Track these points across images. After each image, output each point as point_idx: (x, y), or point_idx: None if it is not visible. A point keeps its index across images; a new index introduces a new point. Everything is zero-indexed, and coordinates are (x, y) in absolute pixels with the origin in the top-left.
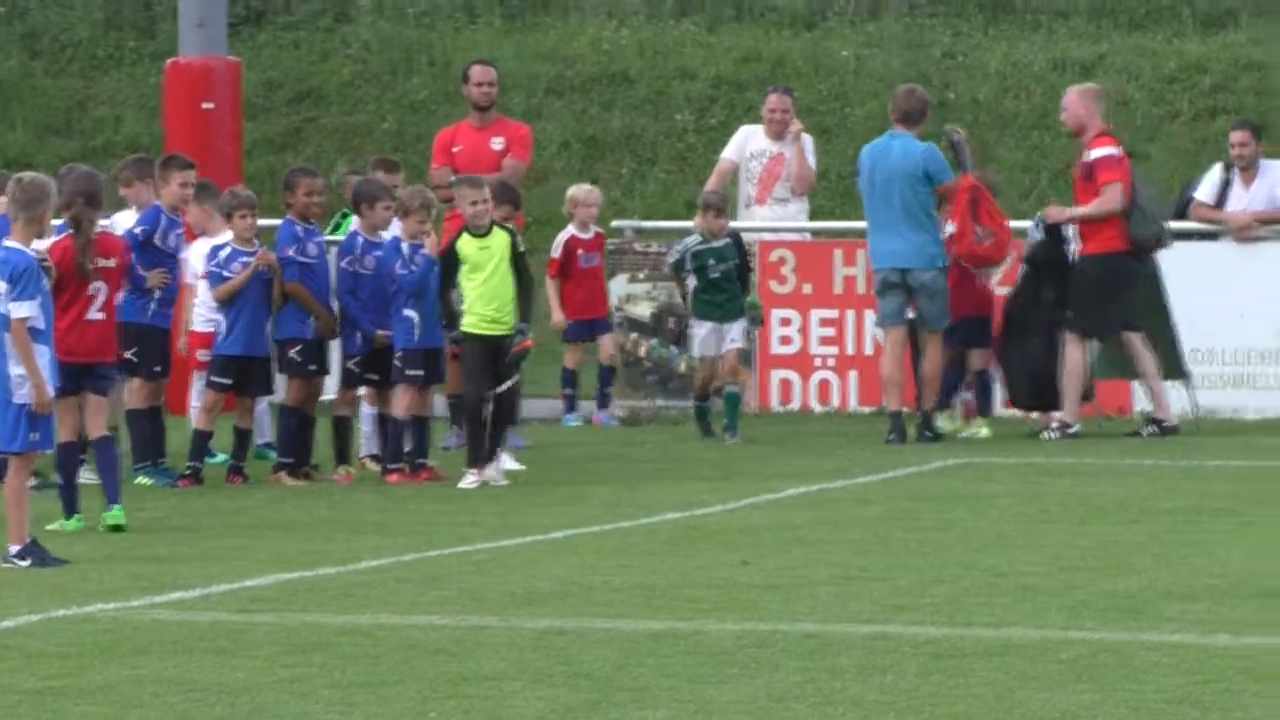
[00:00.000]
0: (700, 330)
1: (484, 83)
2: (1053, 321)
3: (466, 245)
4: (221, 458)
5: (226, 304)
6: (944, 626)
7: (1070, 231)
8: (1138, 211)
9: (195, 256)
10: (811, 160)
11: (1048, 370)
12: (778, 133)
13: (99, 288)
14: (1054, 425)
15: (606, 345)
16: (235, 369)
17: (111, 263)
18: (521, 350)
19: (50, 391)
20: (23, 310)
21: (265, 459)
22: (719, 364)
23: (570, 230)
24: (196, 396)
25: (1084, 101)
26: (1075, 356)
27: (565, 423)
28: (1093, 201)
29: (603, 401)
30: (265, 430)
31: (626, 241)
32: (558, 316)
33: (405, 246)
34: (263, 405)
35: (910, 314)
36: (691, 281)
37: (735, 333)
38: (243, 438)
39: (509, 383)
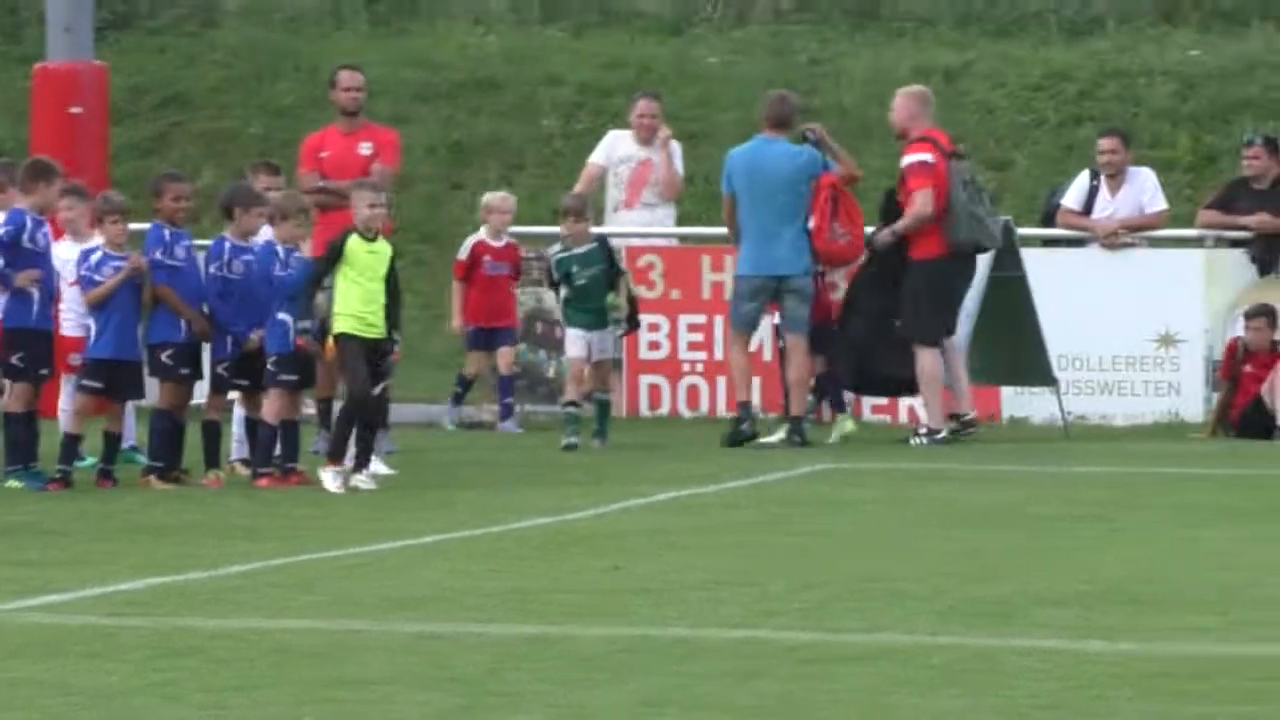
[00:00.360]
0: (570, 336)
1: (351, 88)
2: (885, 307)
3: (357, 247)
4: (90, 461)
5: (97, 308)
6: (814, 631)
7: None
8: (953, 216)
9: (62, 260)
10: (679, 165)
11: (870, 353)
12: (646, 138)
13: None
14: (922, 431)
15: (505, 355)
16: (106, 372)
17: None
18: (393, 359)
19: None
20: None
21: (133, 463)
22: (589, 371)
23: (480, 235)
24: (66, 400)
25: (907, 104)
26: (927, 363)
27: (446, 419)
28: (906, 212)
29: (505, 412)
30: (132, 434)
31: None
32: (456, 321)
33: (280, 250)
34: (129, 408)
35: (773, 318)
36: (561, 290)
37: (606, 342)
38: (113, 441)
39: (381, 385)
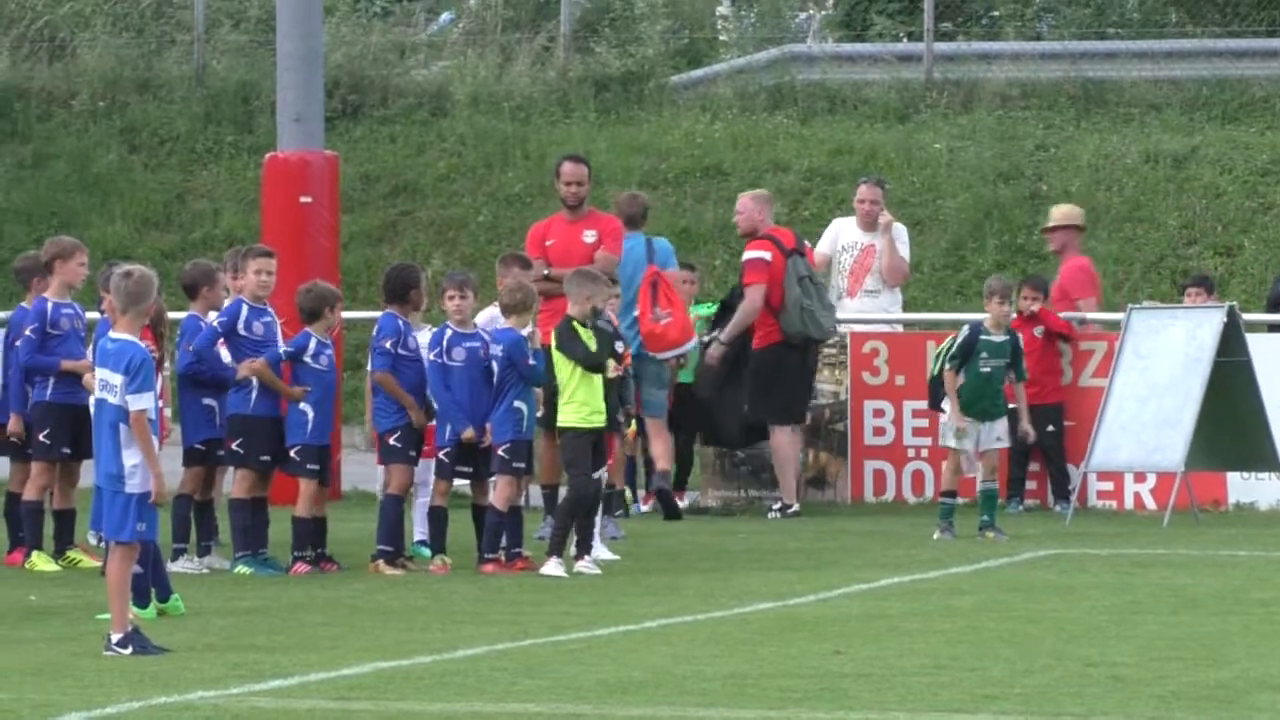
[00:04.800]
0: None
1: (573, 181)
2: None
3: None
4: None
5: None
6: (1035, 716)
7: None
8: (786, 309)
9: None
10: (905, 251)
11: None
12: (868, 223)
13: None
14: (776, 506)
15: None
16: (318, 456)
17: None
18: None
19: (167, 483)
20: (142, 402)
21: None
22: (966, 461)
23: None
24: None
25: (756, 205)
26: (781, 441)
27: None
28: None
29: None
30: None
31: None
32: None
33: (529, 343)
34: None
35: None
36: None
37: (1000, 430)
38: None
39: (601, 471)
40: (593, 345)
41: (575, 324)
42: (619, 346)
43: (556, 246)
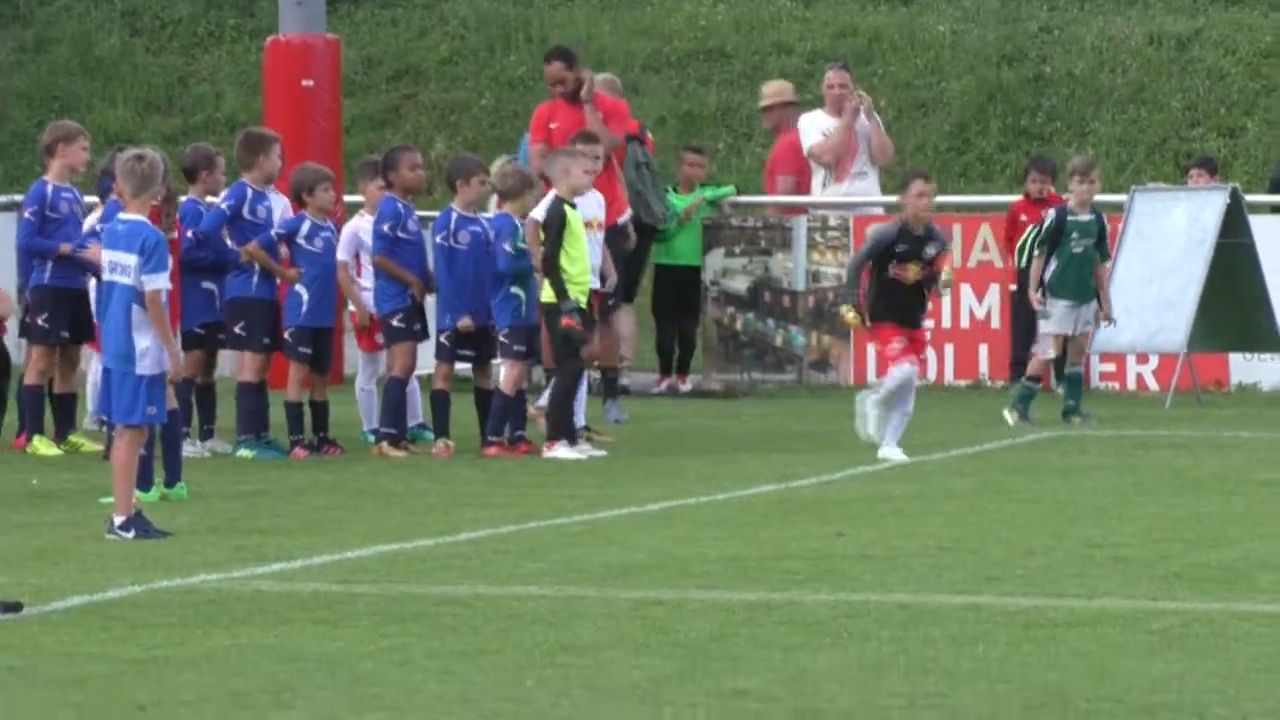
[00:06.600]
0: (1057, 308)
1: (554, 82)
2: None
3: (571, 215)
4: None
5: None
6: (1036, 597)
7: None
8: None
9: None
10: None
11: None
12: (839, 109)
13: None
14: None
15: None
16: (311, 339)
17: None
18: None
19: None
20: (158, 282)
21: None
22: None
23: None
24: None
25: (605, 90)
26: (619, 317)
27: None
28: None
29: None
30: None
31: (723, 216)
32: None
33: (518, 223)
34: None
35: None
36: (1053, 261)
37: (1090, 314)
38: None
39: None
40: (578, 227)
41: (565, 205)
42: (580, 301)
43: (561, 129)
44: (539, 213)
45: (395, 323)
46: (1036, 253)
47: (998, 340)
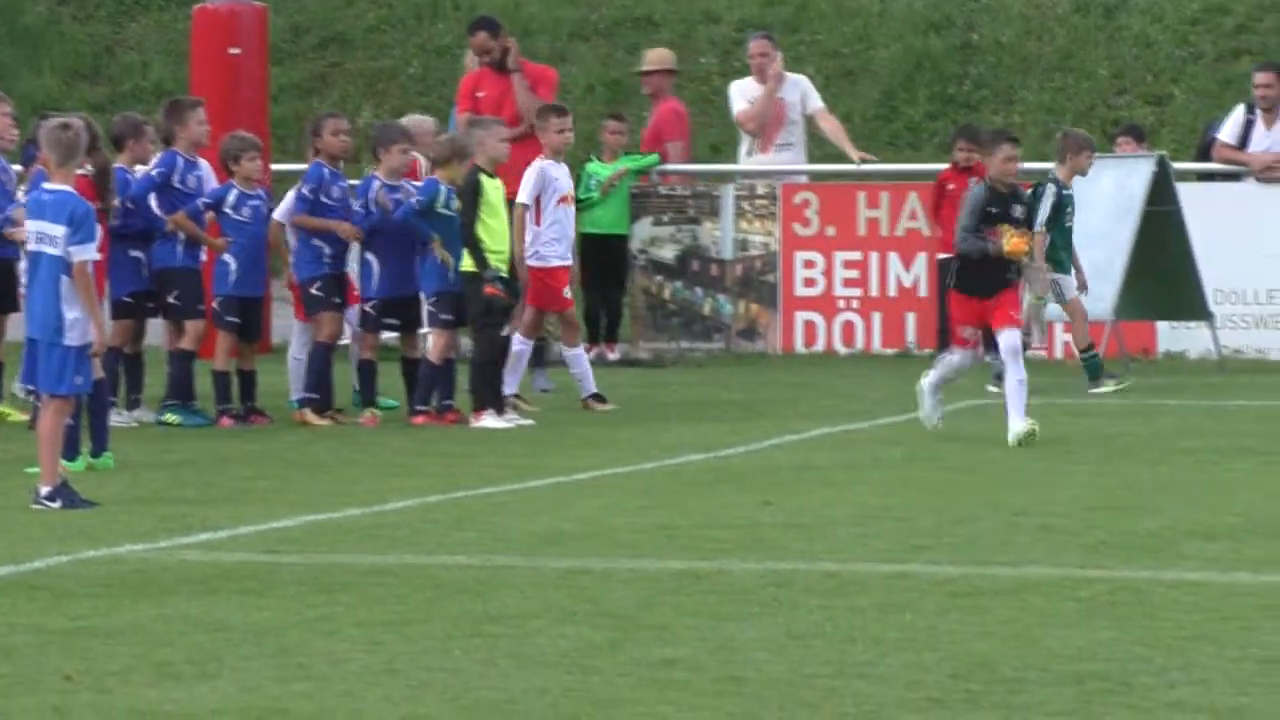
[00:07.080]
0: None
1: (480, 52)
2: None
3: (488, 184)
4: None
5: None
6: (963, 565)
7: None
8: None
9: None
10: (816, 100)
11: None
12: (762, 76)
13: None
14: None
15: None
16: (239, 309)
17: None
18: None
19: (108, 334)
20: (87, 253)
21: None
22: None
23: None
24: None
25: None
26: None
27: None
28: None
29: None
30: None
31: (651, 185)
32: None
33: (443, 191)
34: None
35: None
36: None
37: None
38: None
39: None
40: (495, 197)
41: (480, 174)
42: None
43: (489, 98)
44: (524, 196)
45: (314, 290)
46: (1042, 230)
47: (925, 308)
